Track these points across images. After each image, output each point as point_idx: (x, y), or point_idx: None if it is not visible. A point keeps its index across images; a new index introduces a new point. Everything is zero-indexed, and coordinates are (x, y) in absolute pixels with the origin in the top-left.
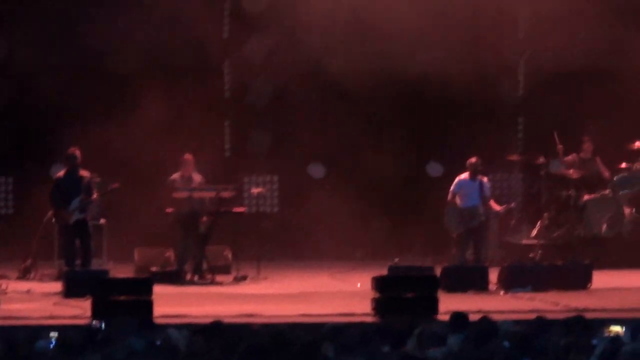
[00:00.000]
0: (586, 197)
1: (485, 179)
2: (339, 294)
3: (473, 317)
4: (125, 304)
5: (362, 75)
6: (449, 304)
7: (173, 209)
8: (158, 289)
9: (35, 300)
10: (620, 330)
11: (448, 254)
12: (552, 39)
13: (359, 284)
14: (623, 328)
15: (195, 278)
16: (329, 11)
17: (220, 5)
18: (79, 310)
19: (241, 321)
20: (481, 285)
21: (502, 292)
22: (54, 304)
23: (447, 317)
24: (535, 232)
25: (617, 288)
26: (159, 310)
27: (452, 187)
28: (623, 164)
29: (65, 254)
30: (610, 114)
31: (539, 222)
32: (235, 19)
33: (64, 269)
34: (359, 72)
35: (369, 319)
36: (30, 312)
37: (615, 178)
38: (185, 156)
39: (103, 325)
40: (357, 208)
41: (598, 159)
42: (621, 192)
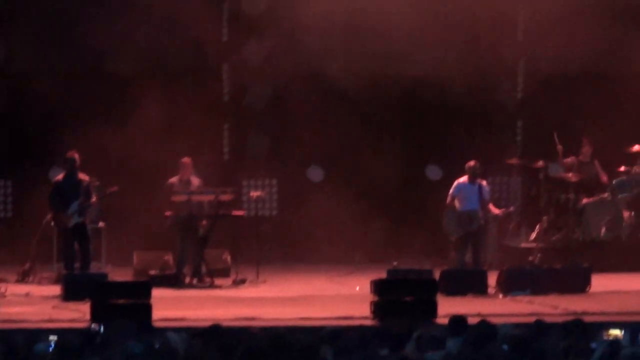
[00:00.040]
0: (585, 201)
1: (484, 183)
2: (337, 297)
3: (472, 321)
4: (124, 307)
5: (361, 78)
6: (447, 307)
7: (172, 213)
8: (157, 293)
9: (34, 303)
10: (619, 334)
11: (447, 258)
12: (552, 41)
13: (357, 287)
14: (622, 331)
15: (194, 281)
16: (327, 13)
17: (219, 8)
18: (78, 313)
19: (240, 324)
20: (480, 289)
21: (501, 296)
22: (52, 307)
23: (446, 321)
24: (534, 236)
25: (616, 291)
26: (157, 313)
27: (451, 191)
28: (622, 168)
29: (64, 257)
30: (609, 117)
31: (538, 226)
32: (234, 21)
33: (63, 272)
34: (358, 75)
35: (367, 322)
36: (29, 315)
37: (614, 181)
38: (183, 159)
39: (102, 329)
40: (356, 211)
41: (597, 162)
42: (620, 196)
